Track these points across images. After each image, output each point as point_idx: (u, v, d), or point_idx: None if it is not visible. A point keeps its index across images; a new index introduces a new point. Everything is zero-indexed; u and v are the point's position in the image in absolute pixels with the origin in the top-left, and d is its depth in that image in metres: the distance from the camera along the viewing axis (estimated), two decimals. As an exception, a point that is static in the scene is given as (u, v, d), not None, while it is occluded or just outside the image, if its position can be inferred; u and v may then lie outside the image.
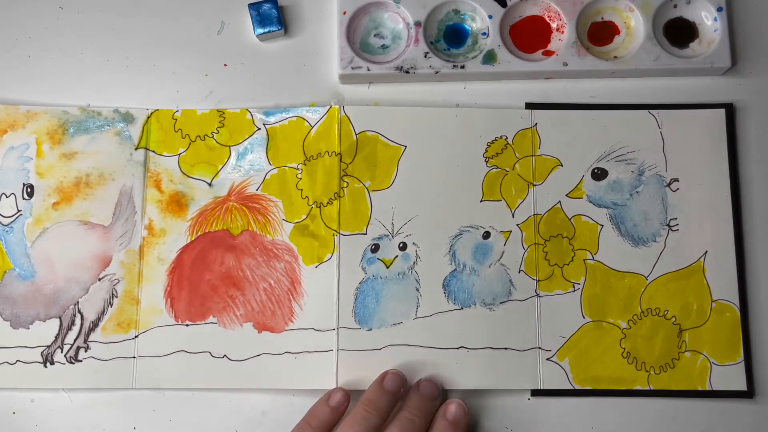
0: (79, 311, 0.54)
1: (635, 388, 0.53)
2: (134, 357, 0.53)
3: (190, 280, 0.54)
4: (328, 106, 0.56)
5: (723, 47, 0.56)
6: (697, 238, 0.55)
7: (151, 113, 0.57)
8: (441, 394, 0.53)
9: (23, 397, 0.54)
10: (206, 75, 0.58)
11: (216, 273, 0.55)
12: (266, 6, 0.57)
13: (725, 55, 0.56)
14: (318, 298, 0.54)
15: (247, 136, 0.56)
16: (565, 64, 0.56)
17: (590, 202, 0.56)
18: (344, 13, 0.57)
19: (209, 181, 0.56)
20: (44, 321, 0.54)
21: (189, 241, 0.55)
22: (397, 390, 0.51)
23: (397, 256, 0.55)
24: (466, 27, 0.58)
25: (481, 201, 0.56)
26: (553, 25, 0.58)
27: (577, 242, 0.55)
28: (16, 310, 0.54)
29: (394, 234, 0.55)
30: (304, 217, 0.55)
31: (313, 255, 0.55)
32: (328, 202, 0.55)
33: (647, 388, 0.53)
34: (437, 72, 0.56)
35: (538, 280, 0.55)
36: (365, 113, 0.56)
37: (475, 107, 0.57)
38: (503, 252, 0.55)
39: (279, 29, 0.57)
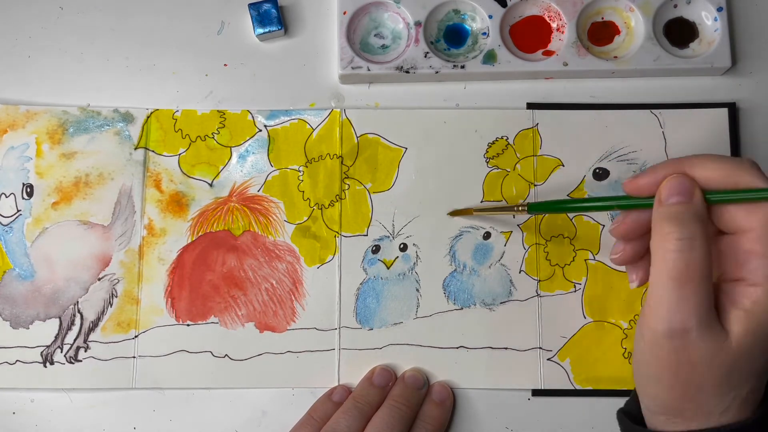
0: (79, 311, 0.54)
1: (636, 388, 0.53)
2: (134, 357, 0.53)
3: (192, 280, 0.54)
4: (330, 110, 0.57)
5: (723, 47, 0.56)
6: (698, 238, 0.55)
7: (151, 113, 0.56)
8: (426, 384, 0.53)
9: (23, 397, 0.54)
10: (206, 75, 0.57)
11: (218, 273, 0.55)
12: (266, 6, 0.57)
13: (725, 55, 0.56)
14: (320, 298, 0.54)
15: (248, 138, 0.56)
16: (566, 64, 0.56)
17: (592, 202, 0.56)
18: (344, 13, 0.56)
19: (210, 182, 0.56)
20: (44, 321, 0.54)
21: (190, 241, 0.55)
22: (386, 384, 0.52)
23: (397, 257, 0.55)
24: (466, 27, 0.58)
25: (481, 201, 0.56)
26: (553, 25, 0.58)
27: (579, 242, 0.55)
28: (16, 310, 0.54)
29: (394, 235, 0.55)
30: (305, 218, 0.55)
31: (314, 256, 0.55)
32: (329, 204, 0.55)
33: (648, 388, 0.53)
34: (437, 72, 0.56)
35: (539, 280, 0.55)
36: (366, 116, 0.56)
37: (476, 107, 0.57)
38: (504, 252, 0.55)
39: (279, 29, 0.57)
